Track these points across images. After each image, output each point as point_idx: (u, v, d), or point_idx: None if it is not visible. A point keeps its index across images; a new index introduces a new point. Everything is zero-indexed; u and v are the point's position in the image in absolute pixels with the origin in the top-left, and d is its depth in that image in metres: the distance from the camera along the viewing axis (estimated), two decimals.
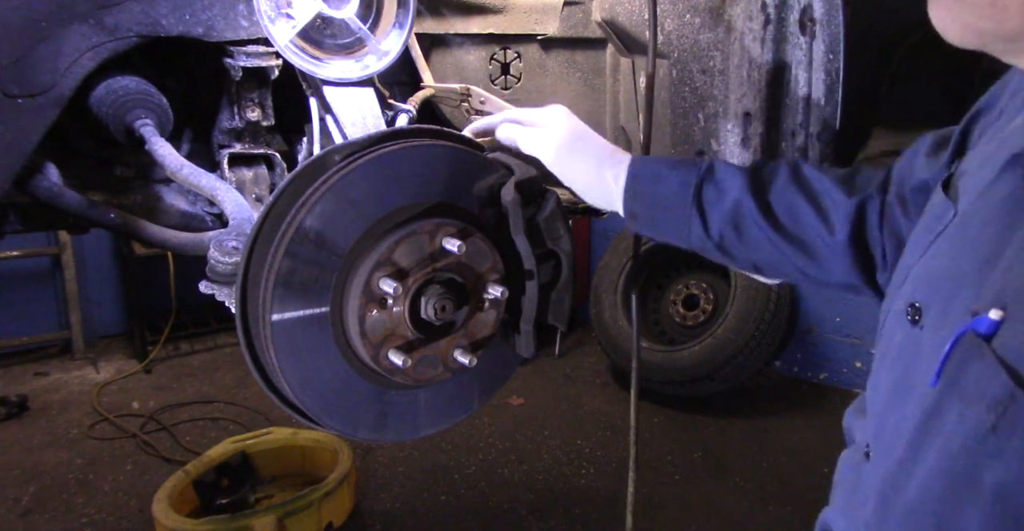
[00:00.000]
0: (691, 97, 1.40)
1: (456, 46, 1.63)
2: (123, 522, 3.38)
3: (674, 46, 1.40)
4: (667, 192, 1.07)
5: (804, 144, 1.19)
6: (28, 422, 4.27)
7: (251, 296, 0.95)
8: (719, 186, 1.05)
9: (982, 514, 0.58)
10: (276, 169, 1.50)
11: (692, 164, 1.08)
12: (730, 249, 1.07)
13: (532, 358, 1.16)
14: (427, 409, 1.09)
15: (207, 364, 5.05)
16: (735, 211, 1.04)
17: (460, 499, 3.57)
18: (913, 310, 0.71)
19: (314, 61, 1.22)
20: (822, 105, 1.14)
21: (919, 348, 0.69)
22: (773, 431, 4.14)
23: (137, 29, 1.22)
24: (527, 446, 4.03)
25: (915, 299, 0.71)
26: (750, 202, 1.03)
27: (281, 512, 2.97)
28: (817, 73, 1.14)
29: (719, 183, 1.06)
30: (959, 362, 0.60)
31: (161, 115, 1.35)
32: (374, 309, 0.95)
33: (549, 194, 1.10)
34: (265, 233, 0.94)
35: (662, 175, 1.08)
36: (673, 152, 1.48)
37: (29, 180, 1.27)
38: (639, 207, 1.09)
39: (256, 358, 0.97)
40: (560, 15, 1.64)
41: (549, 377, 4.85)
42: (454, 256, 0.99)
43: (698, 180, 1.06)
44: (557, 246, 1.10)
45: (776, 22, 1.18)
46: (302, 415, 1.00)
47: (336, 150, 0.97)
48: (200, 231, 1.47)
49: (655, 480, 3.67)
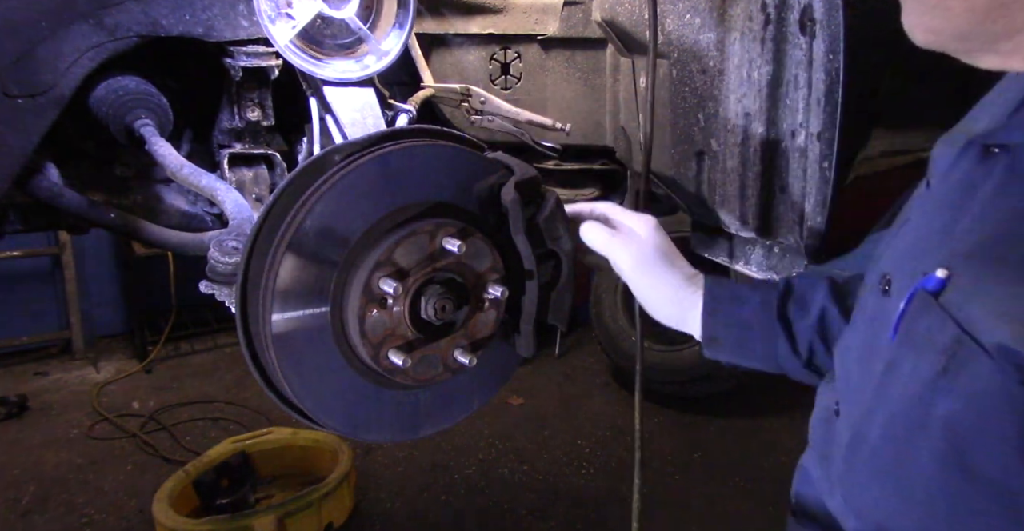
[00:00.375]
0: (691, 97, 1.39)
1: (456, 46, 1.63)
2: (123, 522, 3.38)
3: (674, 46, 1.39)
4: (749, 312, 1.07)
5: (804, 144, 1.19)
6: (28, 422, 4.27)
7: (251, 296, 0.95)
8: (802, 300, 1.06)
9: (932, 446, 0.66)
10: (276, 169, 1.50)
11: (770, 284, 1.10)
12: (820, 364, 1.06)
13: (532, 358, 1.16)
14: (427, 409, 1.09)
15: (207, 364, 5.05)
16: (821, 322, 1.04)
17: (460, 499, 3.57)
18: (883, 281, 0.79)
19: (314, 61, 1.22)
20: (822, 105, 1.14)
21: (885, 312, 0.76)
22: (773, 431, 4.14)
23: (137, 29, 1.22)
24: (527, 446, 4.03)
25: (886, 271, 0.79)
26: (834, 310, 1.03)
27: (281, 512, 2.98)
28: (817, 73, 1.14)
29: (800, 297, 1.06)
30: (912, 317, 0.69)
31: (161, 115, 1.35)
32: (374, 309, 0.95)
33: (549, 194, 1.09)
34: (265, 233, 0.94)
35: (742, 296, 1.08)
36: (673, 152, 1.48)
37: (29, 180, 1.27)
38: (720, 329, 1.07)
39: (256, 358, 0.97)
40: (560, 15, 1.64)
41: (549, 377, 4.85)
42: (454, 256, 0.99)
43: (780, 297, 1.06)
44: (557, 246, 1.10)
45: (776, 22, 1.18)
46: (302, 415, 1.00)
47: (336, 150, 0.97)
48: (200, 231, 1.47)
49: (655, 480, 3.67)
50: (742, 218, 1.34)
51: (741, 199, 1.33)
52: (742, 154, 1.31)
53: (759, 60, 1.22)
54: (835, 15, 1.08)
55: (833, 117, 1.13)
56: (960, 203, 0.71)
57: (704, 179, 1.43)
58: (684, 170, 1.46)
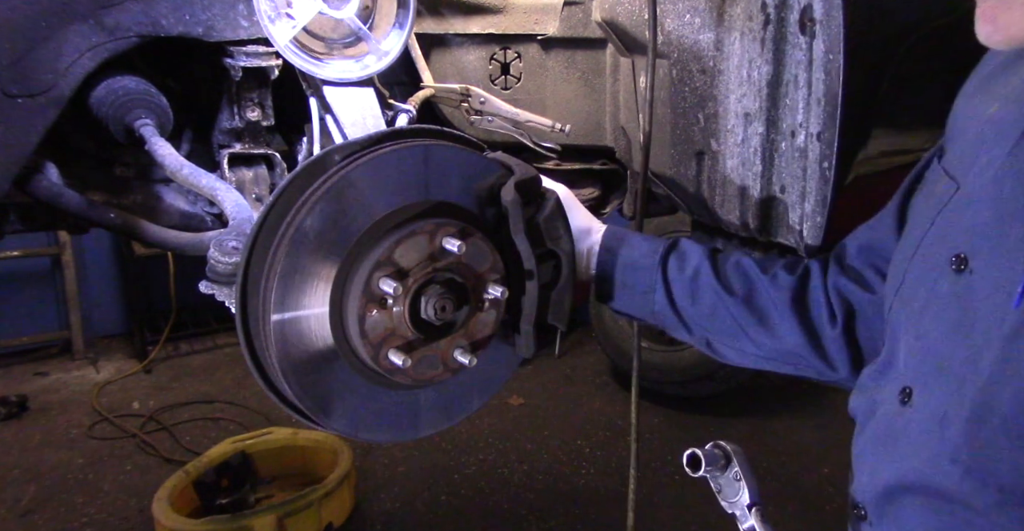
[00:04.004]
0: (691, 97, 1.39)
1: (456, 46, 1.63)
2: (123, 522, 3.38)
3: (674, 46, 1.39)
4: (636, 255, 1.19)
5: (804, 144, 1.19)
6: (28, 422, 4.27)
7: (251, 296, 0.95)
8: (682, 256, 1.19)
9: None
10: (276, 169, 1.50)
11: (661, 238, 1.22)
12: (688, 318, 1.18)
13: (532, 358, 1.16)
14: (427, 409, 1.09)
15: (207, 364, 5.05)
16: (694, 279, 1.17)
17: (460, 499, 3.57)
18: (958, 260, 0.81)
19: (314, 61, 1.22)
20: (822, 105, 1.14)
21: (972, 289, 0.79)
22: (773, 431, 4.14)
23: (137, 29, 1.22)
24: (527, 446, 4.03)
25: (959, 251, 0.81)
26: (708, 268, 1.17)
27: (281, 512, 2.98)
28: (817, 73, 1.13)
29: (682, 254, 1.19)
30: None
31: (161, 115, 1.35)
32: (374, 309, 0.95)
33: (549, 194, 1.10)
34: (265, 233, 0.94)
35: (633, 242, 1.21)
36: (673, 152, 1.48)
37: (29, 180, 1.27)
38: (609, 268, 1.19)
39: (256, 358, 0.97)
40: (560, 15, 1.64)
41: (549, 377, 4.85)
42: (454, 256, 0.99)
43: (664, 249, 1.19)
44: (557, 246, 1.10)
45: (776, 22, 1.18)
46: (302, 415, 1.00)
47: (336, 150, 0.97)
48: (200, 231, 1.47)
49: (655, 480, 3.67)
50: (742, 218, 1.34)
51: (741, 199, 1.33)
52: (742, 154, 1.31)
53: (759, 60, 1.22)
54: (835, 15, 1.08)
55: (833, 117, 1.13)
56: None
57: (704, 179, 1.43)
58: (684, 170, 1.46)
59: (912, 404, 0.85)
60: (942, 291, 0.84)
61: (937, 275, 0.85)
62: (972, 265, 0.80)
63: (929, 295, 0.86)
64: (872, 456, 0.93)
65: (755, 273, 1.16)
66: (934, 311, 0.85)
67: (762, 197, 1.29)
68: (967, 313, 0.79)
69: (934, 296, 0.85)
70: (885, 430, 0.91)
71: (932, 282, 0.86)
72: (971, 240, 0.81)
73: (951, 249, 0.83)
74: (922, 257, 0.90)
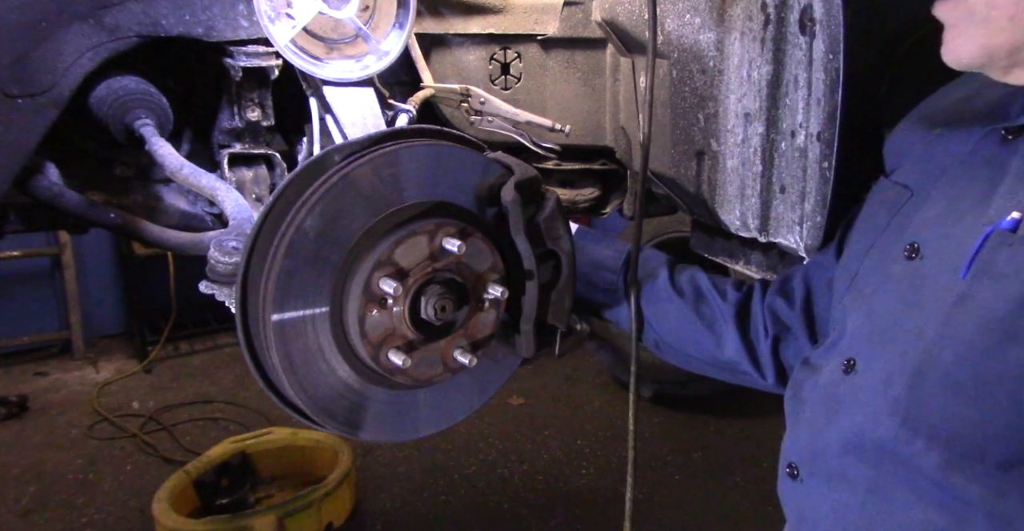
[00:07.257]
0: (691, 97, 1.39)
1: (456, 46, 1.63)
2: (123, 522, 3.38)
3: (674, 46, 1.39)
4: (603, 256, 1.33)
5: (804, 144, 1.19)
6: (28, 422, 4.27)
7: (251, 296, 0.95)
8: (644, 261, 1.32)
9: (1021, 355, 0.75)
10: (276, 169, 1.50)
11: (625, 243, 1.35)
12: (645, 320, 1.31)
13: (532, 358, 1.16)
14: (427, 409, 1.09)
15: (207, 364, 5.05)
16: (651, 283, 1.30)
17: (460, 499, 3.58)
18: (911, 249, 0.90)
19: (314, 61, 1.22)
20: (822, 106, 1.14)
21: (921, 271, 0.88)
22: (773, 431, 4.14)
23: (137, 29, 1.22)
24: (527, 446, 4.03)
25: (912, 241, 0.91)
26: (664, 273, 1.30)
27: (281, 512, 2.98)
28: (817, 73, 1.13)
29: (645, 259, 1.32)
30: (990, 252, 0.79)
31: (161, 115, 1.35)
32: (374, 309, 0.95)
33: (549, 194, 1.10)
34: (265, 233, 0.94)
35: (603, 241, 1.35)
36: (673, 152, 1.48)
37: (29, 180, 1.27)
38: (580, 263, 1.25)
39: (256, 358, 0.97)
40: (560, 15, 1.64)
41: (549, 377, 4.85)
42: (454, 256, 0.99)
43: (628, 253, 1.30)
44: (557, 246, 1.10)
45: (776, 22, 1.18)
46: (302, 415, 1.00)
47: (336, 150, 0.97)
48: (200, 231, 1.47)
49: (655, 480, 3.67)
50: (742, 218, 1.34)
51: (741, 199, 1.33)
52: (742, 154, 1.31)
53: (759, 60, 1.22)
54: (835, 15, 1.08)
55: (833, 117, 1.13)
56: (992, 176, 0.85)
57: (704, 179, 1.43)
58: (684, 170, 1.46)
59: (857, 371, 0.94)
60: (895, 274, 0.93)
61: (891, 262, 0.94)
62: (924, 252, 0.89)
63: (882, 279, 0.95)
64: (812, 420, 1.01)
65: (707, 286, 1.30)
66: (885, 290, 0.94)
67: (762, 197, 1.29)
68: (917, 290, 0.88)
69: (886, 279, 0.94)
70: (825, 396, 0.99)
71: (886, 269, 0.95)
72: (923, 231, 0.91)
73: (905, 240, 0.92)
74: (878, 250, 0.99)
